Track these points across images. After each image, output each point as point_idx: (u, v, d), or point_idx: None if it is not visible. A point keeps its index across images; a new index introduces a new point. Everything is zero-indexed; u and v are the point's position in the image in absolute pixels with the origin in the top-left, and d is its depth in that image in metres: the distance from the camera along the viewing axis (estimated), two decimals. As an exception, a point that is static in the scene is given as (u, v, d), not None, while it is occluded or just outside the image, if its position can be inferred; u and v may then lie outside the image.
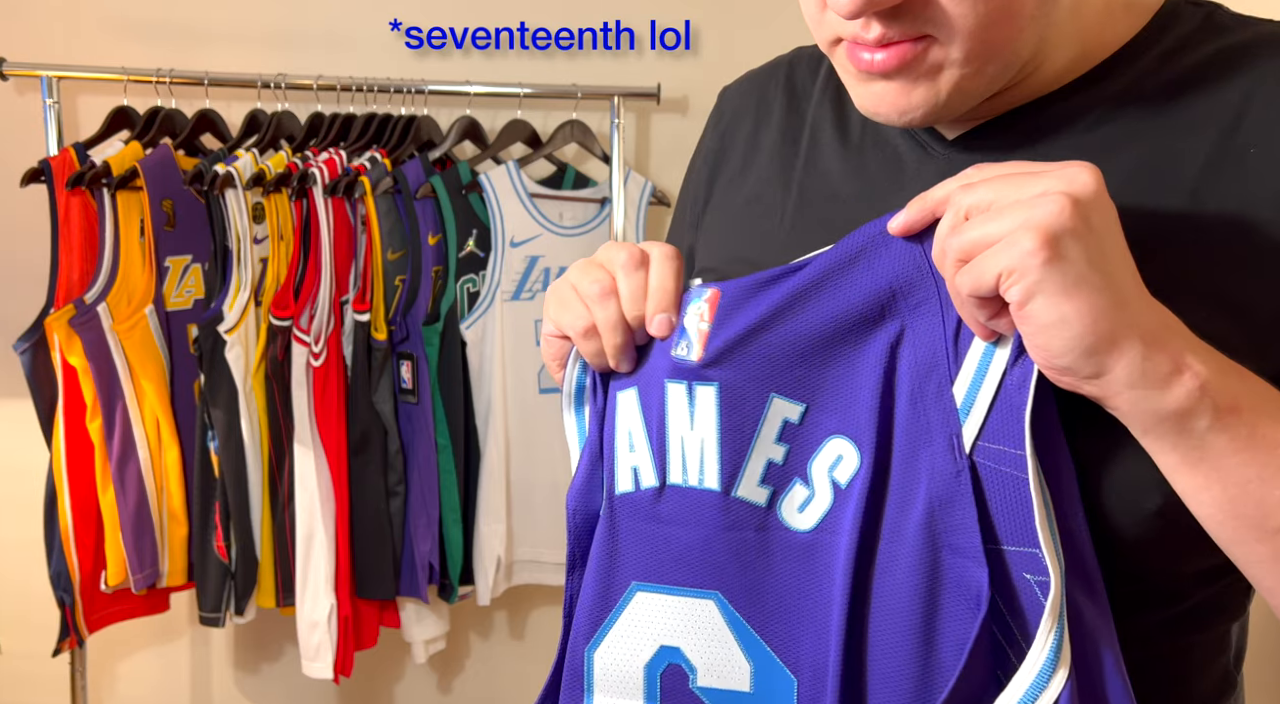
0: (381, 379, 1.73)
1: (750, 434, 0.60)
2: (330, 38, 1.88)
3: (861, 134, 0.71)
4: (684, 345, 0.61)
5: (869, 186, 0.69)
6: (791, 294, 0.59)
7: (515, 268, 1.78)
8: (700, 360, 0.60)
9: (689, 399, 0.61)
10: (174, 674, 2.01)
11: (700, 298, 0.61)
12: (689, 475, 0.61)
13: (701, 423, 0.61)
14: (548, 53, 1.92)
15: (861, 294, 0.57)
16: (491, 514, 1.78)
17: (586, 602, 0.63)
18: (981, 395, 0.55)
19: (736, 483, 0.60)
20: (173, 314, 1.71)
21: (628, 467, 0.63)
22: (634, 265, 0.62)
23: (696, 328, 0.61)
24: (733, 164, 0.80)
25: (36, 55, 1.75)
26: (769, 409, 0.60)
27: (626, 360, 0.63)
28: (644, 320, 0.62)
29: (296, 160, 1.69)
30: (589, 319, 0.62)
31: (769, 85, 0.80)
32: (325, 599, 1.69)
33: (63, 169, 1.64)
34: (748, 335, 0.60)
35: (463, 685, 2.06)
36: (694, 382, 0.61)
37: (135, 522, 1.67)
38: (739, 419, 0.60)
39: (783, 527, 0.60)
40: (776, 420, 0.60)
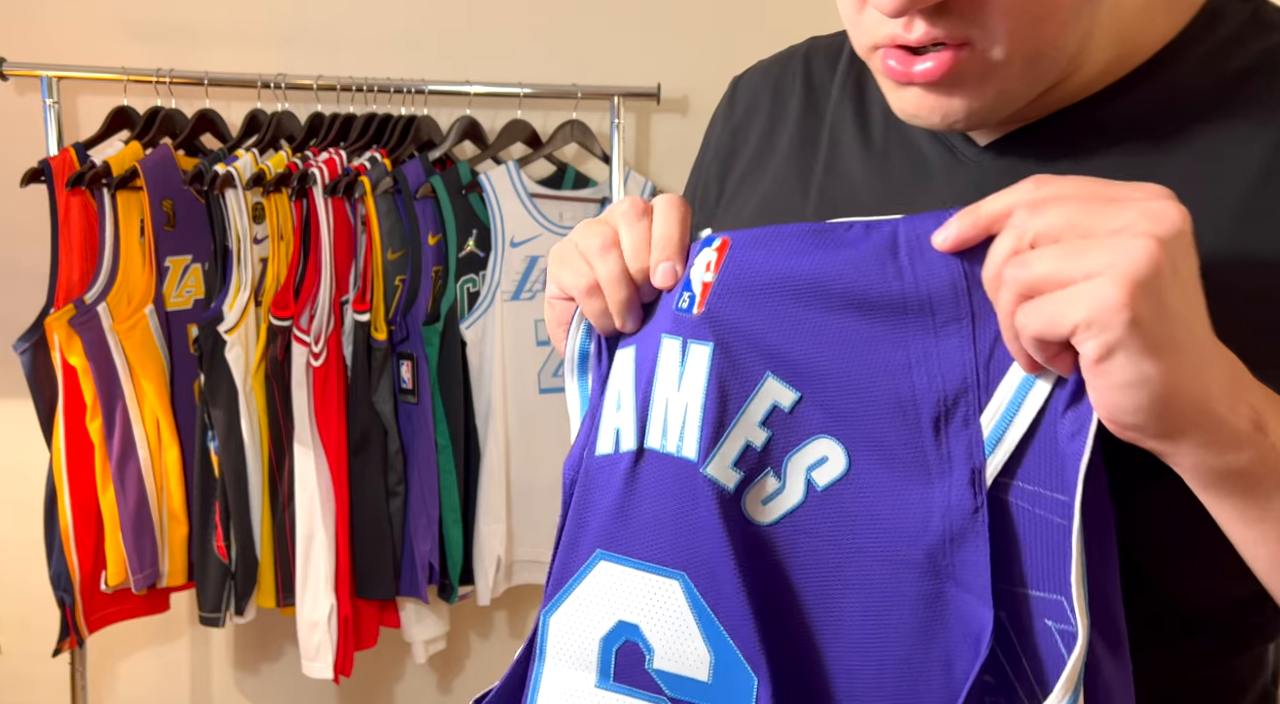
0: (381, 379, 1.73)
1: (736, 409, 0.55)
2: (330, 38, 1.88)
3: (885, 135, 0.68)
4: (686, 297, 0.56)
5: (893, 193, 0.65)
6: (811, 268, 0.53)
7: (515, 268, 1.78)
8: (700, 313, 0.55)
9: (681, 356, 0.56)
10: (174, 674, 2.01)
11: (710, 246, 0.56)
12: (668, 440, 0.57)
13: (689, 385, 0.56)
14: (548, 52, 1.92)
15: (887, 295, 0.52)
16: (491, 514, 1.78)
17: (554, 566, 0.60)
18: (1013, 430, 0.50)
19: (710, 458, 0.55)
20: (173, 314, 1.71)
21: (610, 427, 0.59)
22: (636, 215, 0.59)
23: (700, 278, 0.56)
24: (745, 161, 0.76)
25: (36, 55, 1.75)
26: (761, 388, 0.55)
27: (632, 318, 0.59)
28: (648, 272, 0.58)
29: (296, 160, 1.69)
30: (591, 275, 0.59)
31: (785, 78, 0.76)
32: (325, 599, 1.69)
33: (63, 169, 1.64)
34: (755, 295, 0.54)
35: (463, 685, 2.06)
36: (689, 338, 0.56)
37: (135, 522, 1.67)
38: (728, 389, 0.55)
39: (743, 516, 0.55)
40: (766, 402, 0.55)
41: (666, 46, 1.93)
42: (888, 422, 0.53)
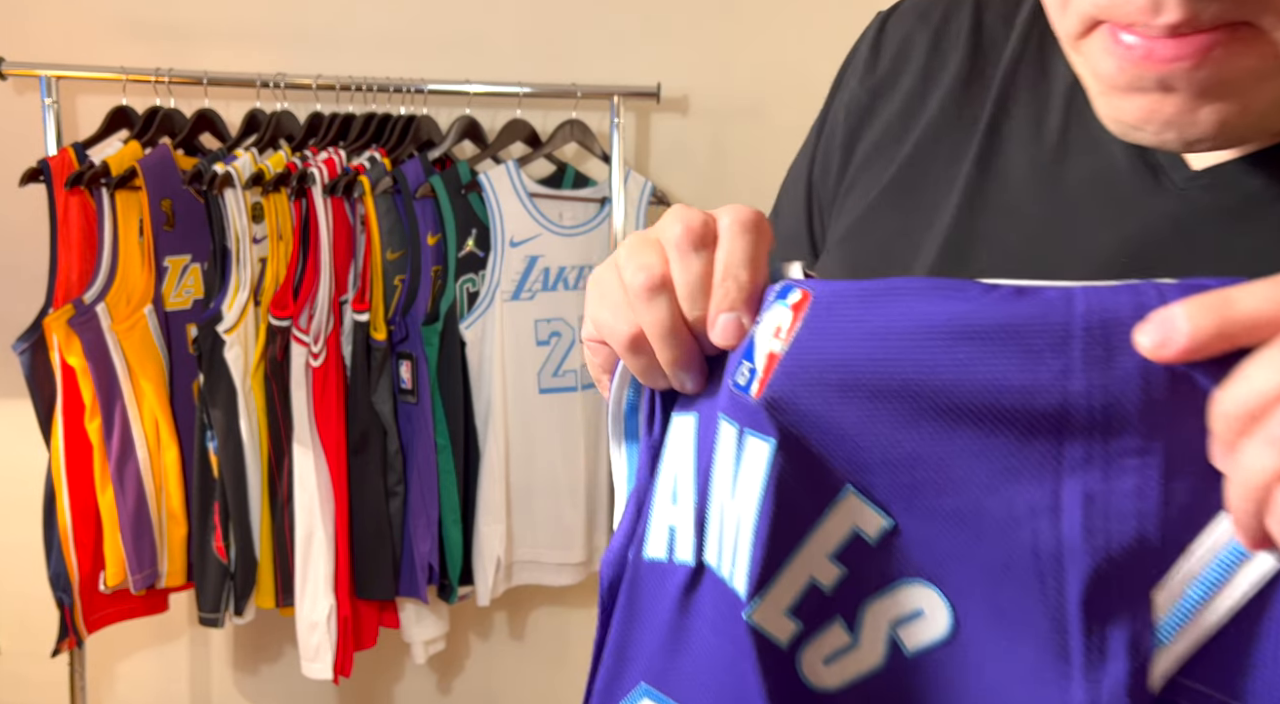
0: (381, 379, 1.72)
1: (800, 533, 0.40)
2: (329, 37, 1.88)
3: (1063, 128, 0.52)
4: (745, 369, 0.41)
5: (1064, 211, 0.50)
6: (926, 340, 0.37)
7: (515, 268, 1.77)
8: (760, 397, 0.40)
9: (737, 451, 0.41)
10: (173, 675, 2.01)
11: (785, 300, 0.41)
12: (722, 561, 0.42)
13: (744, 492, 0.41)
14: (547, 52, 1.91)
15: (1039, 403, 0.36)
16: (491, 514, 1.78)
17: (597, 676, 0.48)
18: (1203, 617, 0.36)
19: (758, 598, 0.40)
20: (172, 314, 1.71)
21: (663, 524, 0.45)
22: (694, 241, 0.43)
23: (767, 346, 0.40)
24: (881, 127, 0.60)
25: (35, 55, 1.75)
26: (837, 506, 0.40)
27: (691, 377, 0.44)
28: (707, 323, 0.43)
29: (295, 160, 1.69)
30: (634, 323, 0.44)
31: (948, 26, 0.59)
32: (324, 600, 1.69)
33: (61, 169, 1.64)
34: (841, 379, 0.38)
35: (462, 686, 2.06)
36: (746, 428, 0.41)
37: (134, 522, 1.67)
38: (792, 504, 0.40)
39: (797, 678, 0.41)
40: (843, 526, 0.40)
41: (666, 46, 1.93)
42: (1015, 579, 0.38)
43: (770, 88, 1.93)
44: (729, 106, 1.94)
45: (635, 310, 0.44)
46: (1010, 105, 0.54)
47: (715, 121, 1.94)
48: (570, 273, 1.81)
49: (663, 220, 0.45)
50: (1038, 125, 0.53)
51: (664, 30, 1.93)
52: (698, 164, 1.95)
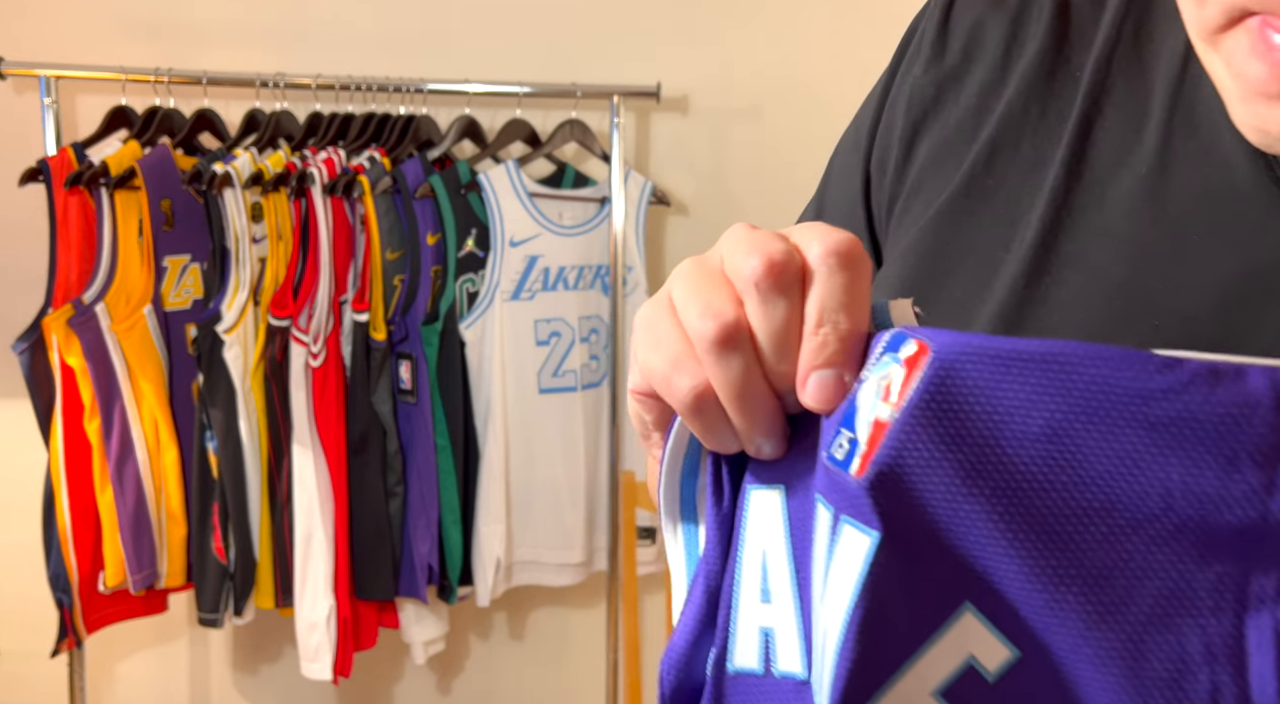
0: (380, 379, 1.72)
1: (900, 657, 0.32)
2: (329, 36, 1.88)
3: (1167, 134, 0.44)
4: (844, 441, 0.32)
5: (1171, 232, 0.43)
6: (1085, 439, 0.29)
7: (515, 267, 1.77)
8: (862, 476, 0.31)
9: (830, 542, 0.33)
10: (172, 675, 2.00)
11: (896, 352, 0.32)
12: (821, 676, 0.34)
13: (835, 596, 0.32)
14: (547, 51, 1.91)
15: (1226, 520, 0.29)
16: (491, 515, 1.78)
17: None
18: None
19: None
20: (171, 314, 1.70)
21: (753, 626, 0.36)
22: (780, 282, 0.34)
23: (873, 411, 0.32)
24: (952, 123, 0.52)
25: (35, 54, 1.74)
26: (951, 627, 0.31)
27: (772, 443, 0.36)
28: (795, 379, 0.35)
29: (295, 160, 1.69)
30: (700, 378, 0.35)
31: (1027, 10, 0.51)
32: (324, 600, 1.69)
33: (61, 169, 1.64)
34: (965, 462, 0.30)
35: (462, 686, 2.06)
36: (843, 514, 0.32)
37: (133, 522, 1.67)
38: (892, 619, 0.31)
39: None
40: (956, 655, 0.31)
41: (666, 45, 1.92)
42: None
43: (770, 87, 1.93)
44: (729, 106, 1.94)
45: (704, 364, 0.35)
46: (1103, 103, 0.47)
47: (715, 121, 1.94)
48: (570, 273, 1.81)
49: (730, 245, 0.36)
50: (1136, 128, 0.45)
51: (664, 30, 1.93)
52: (698, 164, 1.95)
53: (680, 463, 0.39)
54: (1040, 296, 0.45)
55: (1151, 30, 0.47)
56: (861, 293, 0.35)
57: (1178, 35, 0.46)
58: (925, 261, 0.49)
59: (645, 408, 0.39)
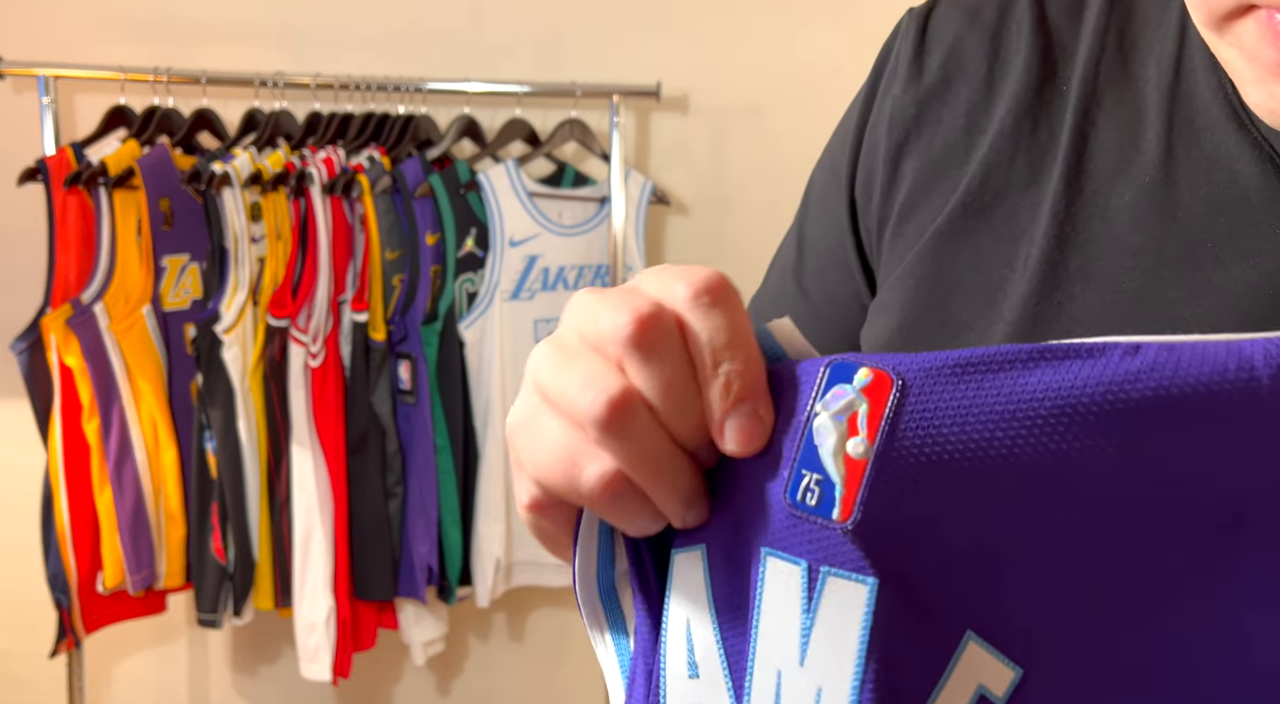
0: (380, 379, 1.72)
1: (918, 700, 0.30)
2: (328, 36, 1.87)
3: (1166, 143, 0.44)
4: (812, 484, 0.30)
5: (1181, 241, 0.42)
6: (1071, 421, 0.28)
7: (514, 267, 1.77)
8: (849, 520, 0.29)
9: (807, 597, 0.30)
10: (171, 676, 2.00)
11: (848, 383, 0.30)
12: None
13: (826, 653, 0.30)
14: (547, 51, 1.91)
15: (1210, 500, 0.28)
16: (490, 515, 1.78)
17: None
18: None
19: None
20: (170, 314, 1.70)
21: (681, 686, 0.34)
22: (656, 334, 0.31)
23: (838, 448, 0.30)
24: (939, 147, 0.51)
25: (33, 54, 1.74)
26: (959, 661, 0.30)
27: (697, 509, 0.33)
28: (710, 429, 0.32)
29: (294, 159, 1.68)
30: (608, 464, 0.32)
31: (1006, 27, 0.51)
32: (323, 600, 1.68)
33: (59, 168, 1.64)
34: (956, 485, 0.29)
35: (461, 687, 2.05)
36: (824, 566, 0.30)
37: (132, 523, 1.67)
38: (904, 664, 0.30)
39: None
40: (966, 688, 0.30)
41: (666, 44, 1.92)
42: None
43: (771, 86, 1.93)
44: (729, 105, 1.93)
45: (603, 447, 0.32)
46: (1095, 115, 0.46)
47: (715, 120, 1.94)
48: (570, 272, 1.80)
49: (583, 315, 0.33)
50: (1133, 138, 0.45)
51: (664, 29, 1.92)
52: (698, 163, 1.95)
53: (594, 559, 0.36)
54: (1054, 313, 0.44)
55: (1135, 39, 0.47)
56: (743, 325, 0.32)
57: (1164, 42, 0.46)
58: (925, 284, 0.48)
59: (549, 518, 0.36)
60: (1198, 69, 0.44)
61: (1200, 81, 0.44)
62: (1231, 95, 0.43)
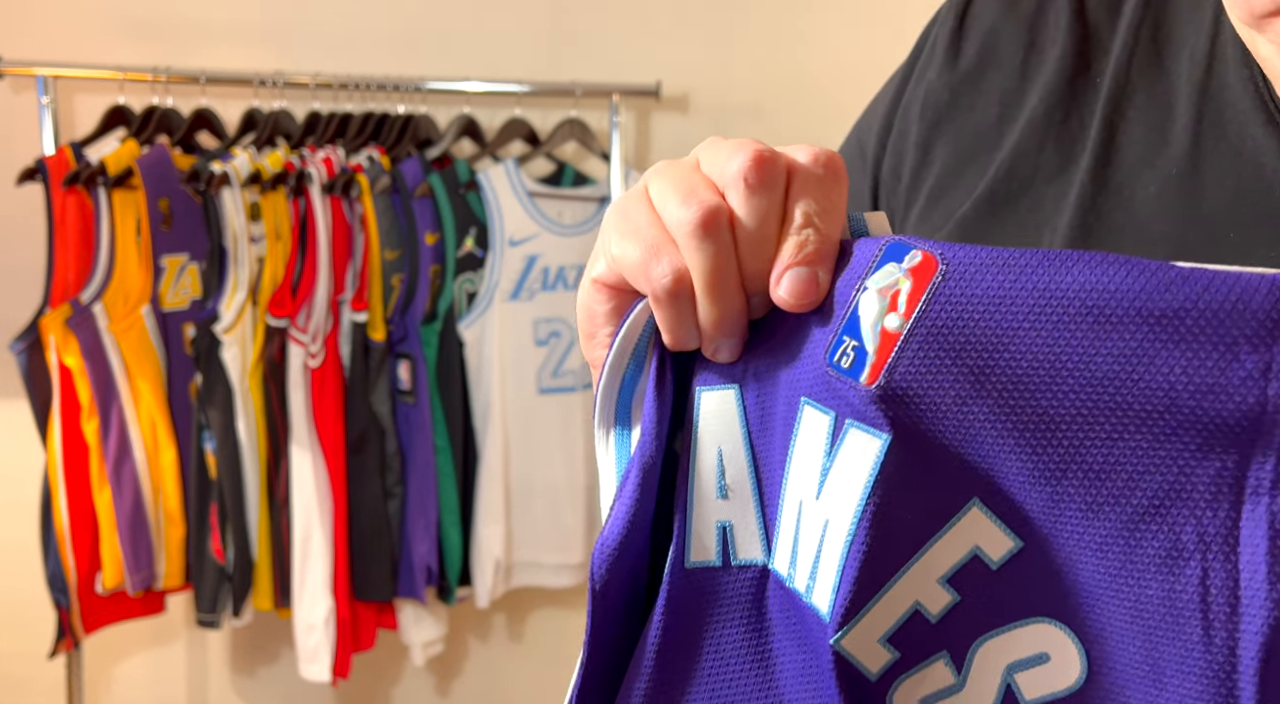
0: (379, 379, 1.72)
1: (909, 550, 0.34)
2: (328, 35, 1.87)
3: (1194, 137, 0.44)
4: (849, 349, 0.34)
5: (1206, 231, 0.43)
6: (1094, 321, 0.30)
7: (514, 267, 1.76)
8: (876, 385, 0.33)
9: (830, 443, 0.34)
10: (170, 676, 2.00)
11: (899, 261, 0.33)
12: (797, 571, 0.36)
13: (837, 494, 0.34)
14: (546, 50, 1.91)
15: (1226, 402, 0.29)
16: (490, 516, 1.77)
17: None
18: None
19: (850, 624, 0.34)
20: (169, 314, 1.70)
21: (710, 522, 0.37)
22: (765, 178, 0.35)
23: (878, 320, 0.33)
24: (970, 128, 0.52)
25: (32, 53, 1.74)
26: (958, 521, 0.33)
27: (731, 345, 0.37)
28: (772, 275, 0.35)
29: (293, 159, 1.68)
30: (680, 263, 0.36)
31: (1044, 18, 0.51)
32: (322, 601, 1.68)
33: (59, 168, 1.63)
34: (978, 365, 0.32)
35: (461, 688, 2.05)
36: (849, 419, 0.34)
37: (131, 523, 1.66)
38: (901, 515, 0.33)
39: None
40: (961, 546, 0.33)
41: (666, 44, 1.92)
42: (1172, 625, 0.31)
43: (771, 86, 1.93)
44: (729, 105, 1.93)
45: (684, 248, 0.36)
46: (1125, 107, 0.47)
47: (715, 120, 1.93)
48: (570, 272, 1.80)
49: (710, 149, 0.37)
50: (1161, 131, 0.45)
51: (664, 28, 1.92)
52: (698, 163, 1.94)
53: (626, 360, 0.39)
54: None
55: (1169, 33, 0.48)
56: (841, 201, 0.36)
57: (1198, 37, 0.46)
58: None
59: (605, 297, 0.39)
60: (1230, 64, 0.45)
61: (1231, 76, 0.44)
62: (1262, 89, 0.43)
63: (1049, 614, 0.33)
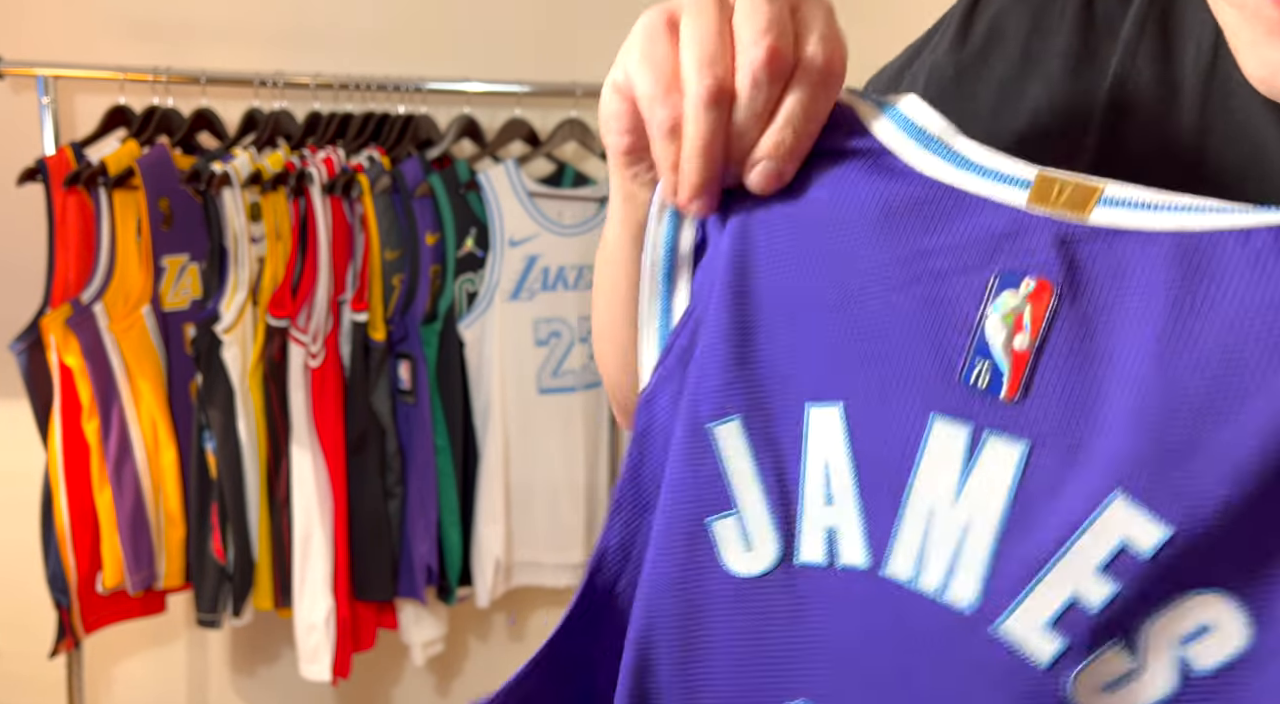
0: (379, 379, 1.72)
1: (1058, 544, 0.36)
2: (328, 35, 1.87)
3: (1201, 112, 0.46)
4: (982, 370, 0.38)
5: None
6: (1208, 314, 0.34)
7: (514, 267, 1.77)
8: (1014, 399, 0.37)
9: (968, 454, 0.38)
10: (171, 676, 2.00)
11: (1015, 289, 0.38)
12: (924, 572, 0.38)
13: (978, 498, 0.37)
14: (547, 51, 1.91)
15: None
16: (490, 515, 1.77)
17: None
18: None
19: (1007, 611, 0.36)
20: (169, 314, 1.70)
21: (819, 526, 0.42)
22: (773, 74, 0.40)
23: (1007, 342, 0.38)
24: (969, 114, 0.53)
25: (33, 54, 1.74)
26: (1103, 514, 0.35)
27: (703, 203, 0.43)
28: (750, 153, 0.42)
29: (294, 159, 1.68)
30: (678, 109, 0.42)
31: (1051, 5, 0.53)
32: (323, 601, 1.68)
33: (59, 168, 1.63)
34: (1105, 364, 0.36)
35: (461, 688, 2.05)
36: (988, 428, 0.38)
37: (132, 523, 1.67)
38: (1048, 511, 0.36)
39: None
40: (1109, 537, 0.35)
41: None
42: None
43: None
44: (729, 106, 1.93)
45: (686, 106, 0.41)
46: (1131, 92, 0.48)
47: (715, 121, 1.93)
48: (570, 272, 1.80)
49: (747, 15, 0.41)
50: (1166, 116, 0.47)
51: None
52: (698, 163, 1.95)
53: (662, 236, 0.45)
54: None
55: (1178, 21, 0.49)
56: (827, 105, 0.41)
57: (1205, 26, 0.47)
58: None
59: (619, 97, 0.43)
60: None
61: (1237, 66, 0.45)
62: None
63: (1207, 585, 0.34)
